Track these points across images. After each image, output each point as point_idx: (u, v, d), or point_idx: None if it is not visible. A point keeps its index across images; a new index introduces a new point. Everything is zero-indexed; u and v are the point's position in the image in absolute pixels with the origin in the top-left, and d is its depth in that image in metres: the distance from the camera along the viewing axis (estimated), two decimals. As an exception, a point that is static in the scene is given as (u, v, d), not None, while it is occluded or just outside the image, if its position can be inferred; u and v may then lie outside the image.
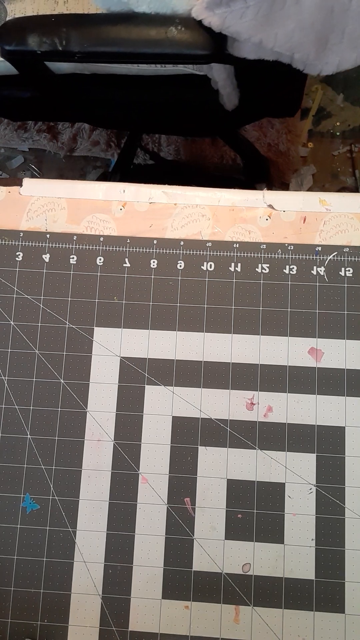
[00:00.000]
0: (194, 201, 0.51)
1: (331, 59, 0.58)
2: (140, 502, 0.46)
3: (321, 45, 0.57)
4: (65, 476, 0.47)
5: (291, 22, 0.54)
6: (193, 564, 0.45)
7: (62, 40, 0.57)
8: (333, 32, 0.56)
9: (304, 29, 0.55)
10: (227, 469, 0.46)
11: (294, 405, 0.47)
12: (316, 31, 0.55)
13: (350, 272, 0.49)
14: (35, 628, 0.45)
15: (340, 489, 0.46)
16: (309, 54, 0.57)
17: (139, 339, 0.49)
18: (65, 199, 0.52)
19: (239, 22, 0.53)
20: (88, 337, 0.49)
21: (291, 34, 0.55)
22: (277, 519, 0.45)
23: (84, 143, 1.24)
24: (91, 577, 0.45)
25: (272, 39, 0.54)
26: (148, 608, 0.45)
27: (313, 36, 0.56)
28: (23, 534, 0.46)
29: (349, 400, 0.47)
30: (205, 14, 0.54)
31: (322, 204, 0.51)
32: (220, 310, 0.49)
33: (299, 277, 0.49)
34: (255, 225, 0.51)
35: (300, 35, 0.55)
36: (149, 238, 0.51)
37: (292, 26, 0.54)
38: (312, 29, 0.55)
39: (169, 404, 0.48)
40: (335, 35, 0.57)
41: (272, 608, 0.44)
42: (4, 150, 1.30)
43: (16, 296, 0.50)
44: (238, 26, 0.53)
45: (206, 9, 0.53)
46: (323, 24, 0.55)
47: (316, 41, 0.56)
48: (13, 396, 0.48)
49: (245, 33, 0.54)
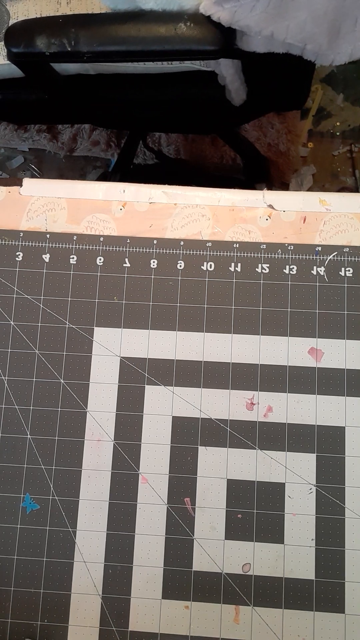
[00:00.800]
0: (194, 201, 0.51)
1: (344, 48, 0.57)
2: (140, 502, 0.46)
3: (333, 35, 0.56)
4: (65, 476, 0.47)
5: (303, 12, 0.53)
6: (193, 564, 0.45)
7: (70, 40, 0.57)
8: (346, 21, 0.55)
9: (317, 19, 0.54)
10: (227, 469, 0.46)
11: (294, 405, 0.47)
12: (329, 20, 0.55)
13: (350, 272, 0.49)
14: (35, 628, 0.45)
15: (340, 489, 0.46)
16: (322, 44, 0.56)
17: (139, 339, 0.49)
18: (65, 199, 0.52)
19: (249, 16, 0.52)
20: (88, 337, 0.49)
21: (303, 25, 0.54)
22: (277, 519, 0.45)
23: (84, 143, 1.24)
24: (91, 577, 0.45)
25: (283, 30, 0.54)
26: (148, 608, 0.45)
27: (326, 25, 0.55)
28: (23, 534, 0.46)
29: (349, 400, 0.47)
30: (214, 9, 0.53)
31: (322, 204, 0.51)
32: (220, 310, 0.49)
33: (299, 277, 0.49)
34: (255, 225, 0.51)
35: (312, 25, 0.54)
36: (149, 238, 0.51)
37: (304, 16, 0.53)
38: (324, 18, 0.54)
39: (169, 404, 0.48)
40: (348, 24, 0.56)
41: (272, 608, 0.44)
42: (4, 150, 1.30)
43: (16, 296, 0.50)
44: (248, 20, 0.53)
45: (215, 3, 0.53)
46: (335, 13, 0.54)
47: (329, 30, 0.55)
48: (13, 396, 0.48)
49: (256, 26, 0.53)
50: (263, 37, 0.55)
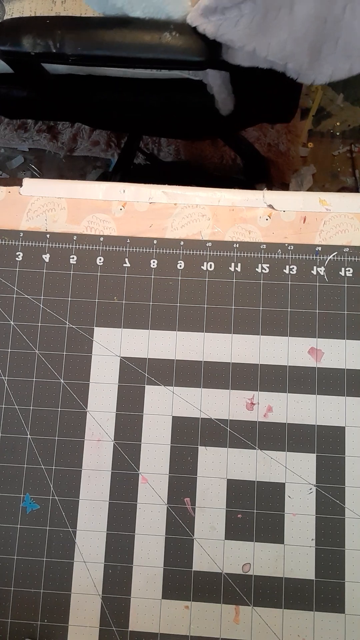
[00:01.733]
0: (194, 201, 0.51)
1: (325, 69, 0.58)
2: (140, 502, 0.46)
3: (314, 55, 0.57)
4: (65, 476, 0.47)
5: (284, 32, 0.54)
6: (193, 564, 0.45)
7: (56, 42, 0.57)
8: (326, 43, 0.56)
9: (297, 39, 0.55)
10: (227, 469, 0.46)
11: (294, 405, 0.47)
12: (309, 41, 0.55)
13: (350, 272, 0.49)
14: (35, 628, 0.45)
15: (340, 489, 0.46)
16: (302, 63, 0.57)
17: (139, 339, 0.49)
18: (65, 199, 0.52)
19: (233, 30, 0.53)
20: (88, 337, 0.49)
21: (284, 44, 0.55)
22: (277, 519, 0.45)
23: (84, 143, 1.24)
24: (91, 577, 0.45)
25: (265, 48, 0.54)
26: (148, 608, 0.45)
27: (306, 46, 0.56)
28: (23, 534, 0.46)
29: (349, 400, 0.47)
30: (200, 21, 0.54)
31: (322, 204, 0.51)
32: (220, 310, 0.49)
33: (299, 277, 0.49)
34: (255, 225, 0.51)
35: (293, 45, 0.55)
36: (149, 238, 0.51)
37: (285, 36, 0.54)
38: (305, 39, 0.55)
39: (169, 404, 0.48)
40: (329, 46, 0.57)
41: (272, 608, 0.44)
42: (4, 150, 1.30)
43: (16, 296, 0.50)
44: (232, 34, 0.53)
45: (201, 15, 0.53)
46: (316, 35, 0.55)
47: (309, 51, 0.56)
48: (13, 396, 0.48)
49: (239, 41, 0.54)
50: (246, 52, 0.55)
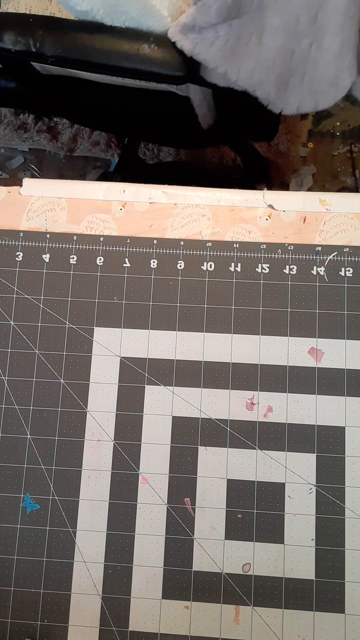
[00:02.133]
0: (194, 201, 0.51)
1: (291, 101, 0.59)
2: (140, 502, 0.46)
3: (282, 87, 0.57)
4: (65, 476, 0.47)
5: (253, 59, 0.54)
6: (193, 564, 0.45)
7: (36, 42, 0.57)
8: (293, 76, 0.57)
9: (265, 69, 0.55)
10: (227, 469, 0.46)
11: (294, 405, 0.47)
12: (277, 72, 0.56)
13: (350, 272, 0.49)
14: (35, 628, 0.45)
15: (340, 489, 0.46)
16: (270, 93, 0.57)
17: (139, 339, 0.49)
18: (65, 199, 0.52)
19: (208, 50, 0.53)
20: (88, 337, 0.49)
21: (253, 71, 0.55)
22: (277, 519, 0.45)
23: (84, 143, 1.24)
24: (91, 577, 0.45)
25: (235, 72, 0.55)
26: (148, 608, 0.45)
27: (273, 76, 0.56)
28: (23, 534, 0.46)
29: (349, 400, 0.47)
30: (179, 37, 0.54)
31: (322, 204, 0.51)
32: (220, 310, 0.49)
33: (299, 277, 0.49)
34: (255, 225, 0.51)
35: (261, 73, 0.55)
36: (149, 238, 0.51)
37: (254, 64, 0.55)
38: (272, 69, 0.55)
39: (169, 404, 0.48)
40: (295, 79, 0.57)
41: (272, 608, 0.44)
42: (4, 150, 1.30)
43: (16, 296, 0.50)
44: (207, 54, 0.54)
45: (180, 32, 0.54)
46: (283, 66, 0.56)
47: (276, 82, 0.57)
48: (13, 396, 0.48)
49: (212, 62, 0.54)
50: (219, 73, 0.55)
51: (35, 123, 1.25)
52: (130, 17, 0.55)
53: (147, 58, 0.56)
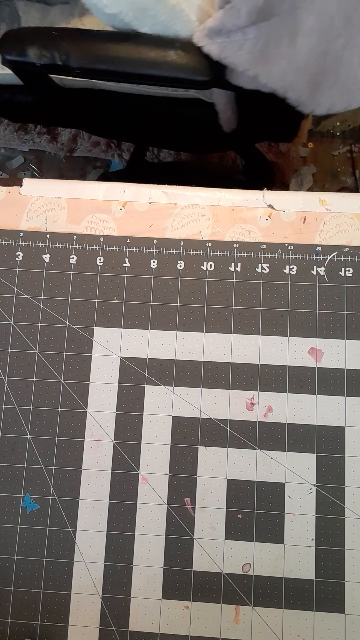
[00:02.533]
0: (194, 201, 0.51)
1: (323, 102, 0.58)
2: (140, 502, 0.46)
3: (314, 87, 0.57)
4: (65, 476, 0.47)
5: (285, 61, 0.54)
6: (193, 564, 0.45)
7: (62, 54, 0.57)
8: (326, 77, 0.56)
9: (298, 70, 0.55)
10: (227, 469, 0.46)
11: (294, 405, 0.47)
12: (310, 74, 0.55)
13: (350, 272, 0.49)
14: (35, 628, 0.45)
15: (340, 489, 0.46)
16: (302, 94, 0.57)
17: (139, 339, 0.49)
18: (65, 199, 0.52)
19: (237, 54, 0.53)
20: (88, 337, 0.49)
21: (284, 73, 0.55)
22: (277, 519, 0.45)
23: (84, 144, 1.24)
24: (91, 577, 0.45)
25: (266, 75, 0.54)
26: (148, 608, 0.45)
27: (306, 78, 0.56)
28: (23, 534, 0.46)
29: (349, 400, 0.47)
30: (205, 42, 0.54)
31: (322, 204, 0.51)
32: (220, 310, 0.49)
33: (299, 277, 0.49)
34: (255, 225, 0.51)
35: (293, 76, 0.55)
36: (149, 238, 0.51)
37: (285, 66, 0.54)
38: (305, 71, 0.55)
39: (169, 404, 0.48)
40: (328, 80, 0.57)
41: (272, 608, 0.44)
42: (4, 150, 1.30)
43: (16, 296, 0.50)
44: (235, 58, 0.53)
45: (206, 36, 0.53)
46: (317, 67, 0.55)
47: (309, 83, 0.56)
48: (13, 396, 0.49)
49: (241, 65, 0.53)
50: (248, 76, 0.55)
51: (35, 125, 1.25)
52: (159, 22, 0.55)
53: (174, 64, 0.56)
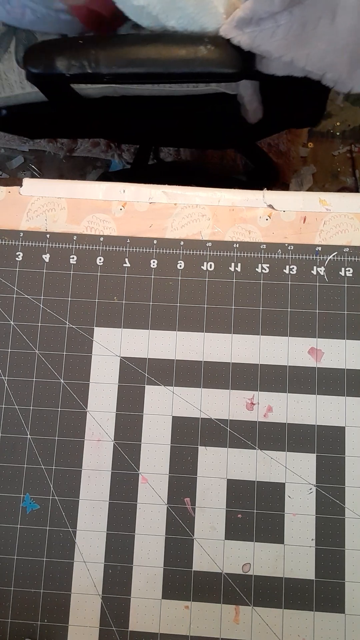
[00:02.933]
0: (194, 201, 0.51)
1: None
2: (140, 502, 0.46)
3: (354, 65, 0.56)
4: (65, 476, 0.47)
5: (324, 42, 0.54)
6: (193, 564, 0.45)
7: (91, 62, 0.57)
8: None
9: (338, 50, 0.54)
10: (227, 469, 0.46)
11: (294, 405, 0.47)
12: (349, 52, 0.55)
13: (350, 272, 0.49)
14: (35, 628, 0.45)
15: (340, 489, 0.46)
16: (342, 73, 0.56)
17: (139, 339, 0.49)
18: (65, 199, 0.52)
19: (269, 41, 0.52)
20: (88, 337, 0.49)
21: (324, 55, 0.54)
22: (277, 519, 0.45)
23: (84, 144, 1.25)
24: (91, 577, 0.45)
25: (303, 58, 0.54)
26: (148, 608, 0.45)
27: (346, 57, 0.55)
28: (23, 534, 0.46)
29: (349, 400, 0.47)
30: (234, 33, 0.53)
31: (322, 204, 0.51)
32: (220, 310, 0.49)
33: (299, 277, 0.49)
34: (255, 225, 0.51)
35: (333, 55, 0.54)
36: (149, 238, 0.51)
37: (325, 47, 0.54)
38: (345, 50, 0.55)
39: (169, 404, 0.48)
40: None
41: (272, 608, 0.44)
42: (4, 150, 1.30)
43: (16, 296, 0.50)
44: (268, 45, 0.53)
45: (235, 27, 0.53)
46: (355, 45, 0.55)
47: (349, 61, 0.56)
48: (13, 396, 0.48)
49: (275, 52, 0.53)
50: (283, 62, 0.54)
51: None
52: (186, 14, 0.55)
53: (205, 60, 0.55)
